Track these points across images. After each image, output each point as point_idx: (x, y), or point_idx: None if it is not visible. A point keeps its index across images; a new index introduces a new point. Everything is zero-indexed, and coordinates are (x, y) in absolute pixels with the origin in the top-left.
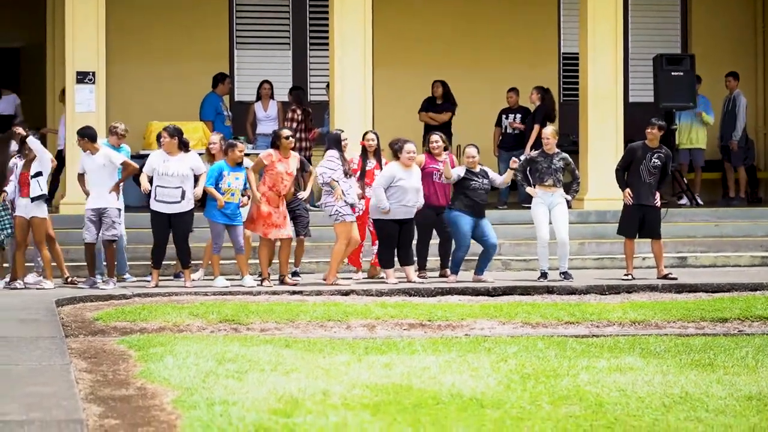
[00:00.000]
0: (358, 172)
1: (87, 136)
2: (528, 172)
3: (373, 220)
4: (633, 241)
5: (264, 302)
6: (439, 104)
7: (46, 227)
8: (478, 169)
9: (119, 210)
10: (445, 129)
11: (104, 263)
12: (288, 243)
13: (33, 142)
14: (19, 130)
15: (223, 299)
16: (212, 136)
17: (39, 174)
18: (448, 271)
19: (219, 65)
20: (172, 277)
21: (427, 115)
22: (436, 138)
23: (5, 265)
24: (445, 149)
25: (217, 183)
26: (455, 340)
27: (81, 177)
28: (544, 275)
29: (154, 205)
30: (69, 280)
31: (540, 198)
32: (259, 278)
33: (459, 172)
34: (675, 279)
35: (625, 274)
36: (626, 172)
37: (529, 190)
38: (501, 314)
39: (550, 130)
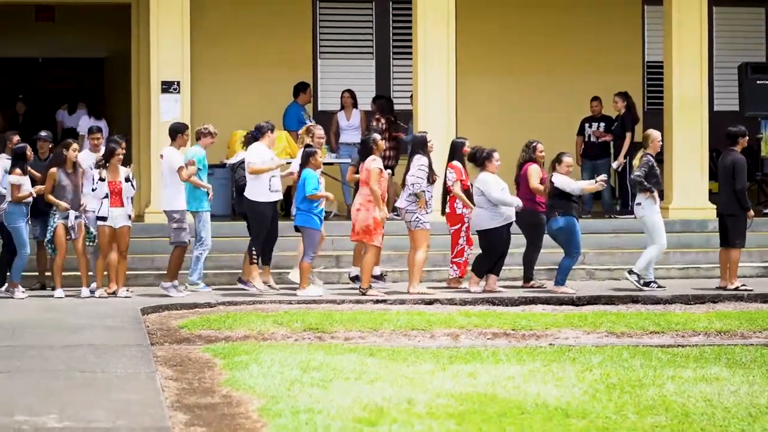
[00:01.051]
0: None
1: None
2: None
3: (483, 231)
4: None
5: (348, 311)
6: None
7: None
8: None
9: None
10: None
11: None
12: (378, 251)
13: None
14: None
15: (306, 308)
16: (318, 131)
17: None
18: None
19: (303, 74)
20: (237, 283)
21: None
22: (542, 147)
23: (89, 273)
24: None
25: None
26: (539, 350)
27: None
28: (654, 283)
29: (271, 196)
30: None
31: (656, 204)
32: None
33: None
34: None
35: (745, 285)
36: None
37: (655, 195)
38: (585, 324)
39: (660, 134)
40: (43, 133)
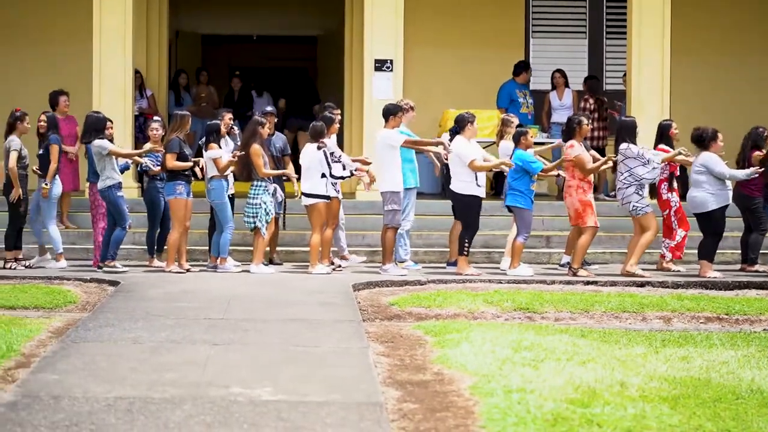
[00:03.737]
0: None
1: None
2: None
3: (705, 213)
4: None
5: (558, 292)
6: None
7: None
8: None
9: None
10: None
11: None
12: (594, 231)
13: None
14: None
15: (516, 287)
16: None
17: None
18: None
19: (514, 53)
20: (445, 266)
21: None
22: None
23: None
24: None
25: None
26: (754, 335)
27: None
28: None
29: (478, 190)
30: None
31: None
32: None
33: None
34: None
35: None
36: None
37: None
38: None
39: None
40: (268, 108)
